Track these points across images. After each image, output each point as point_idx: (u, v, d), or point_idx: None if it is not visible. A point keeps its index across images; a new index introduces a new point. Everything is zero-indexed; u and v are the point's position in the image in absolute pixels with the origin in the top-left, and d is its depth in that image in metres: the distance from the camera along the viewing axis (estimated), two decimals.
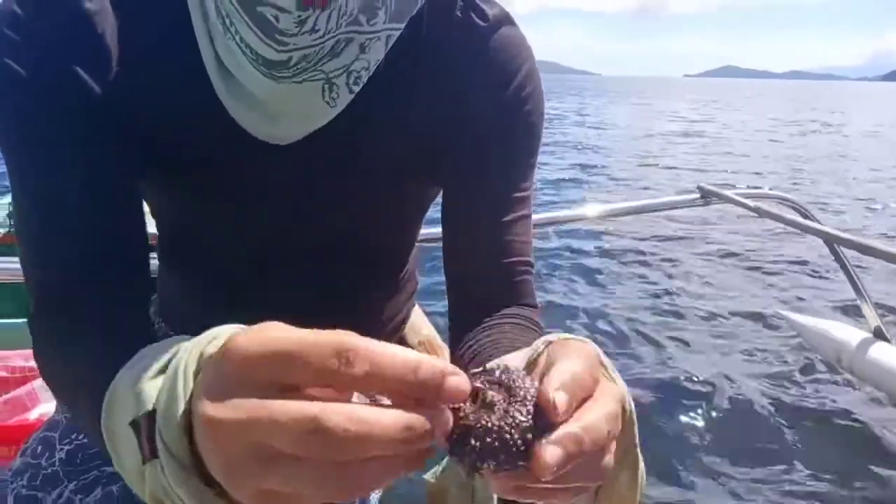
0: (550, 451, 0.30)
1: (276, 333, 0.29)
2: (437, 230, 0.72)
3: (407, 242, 0.81)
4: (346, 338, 0.29)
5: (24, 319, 0.58)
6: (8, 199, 2.93)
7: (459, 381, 0.30)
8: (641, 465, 0.42)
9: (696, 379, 3.03)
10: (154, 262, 0.72)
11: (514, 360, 0.42)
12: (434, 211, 0.75)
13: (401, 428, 0.28)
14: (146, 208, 0.65)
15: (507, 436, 0.30)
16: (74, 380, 0.52)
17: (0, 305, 2.22)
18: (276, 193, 0.65)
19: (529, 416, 0.31)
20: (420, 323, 0.93)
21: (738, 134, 16.99)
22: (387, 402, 0.30)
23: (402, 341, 0.90)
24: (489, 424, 0.30)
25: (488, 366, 0.34)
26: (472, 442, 0.30)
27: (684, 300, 4.24)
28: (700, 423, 2.67)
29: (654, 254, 5.27)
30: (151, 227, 0.66)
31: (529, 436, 0.30)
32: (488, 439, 0.30)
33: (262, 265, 0.72)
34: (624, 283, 4.60)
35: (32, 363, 1.37)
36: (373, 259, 0.76)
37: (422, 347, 0.90)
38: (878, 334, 2.18)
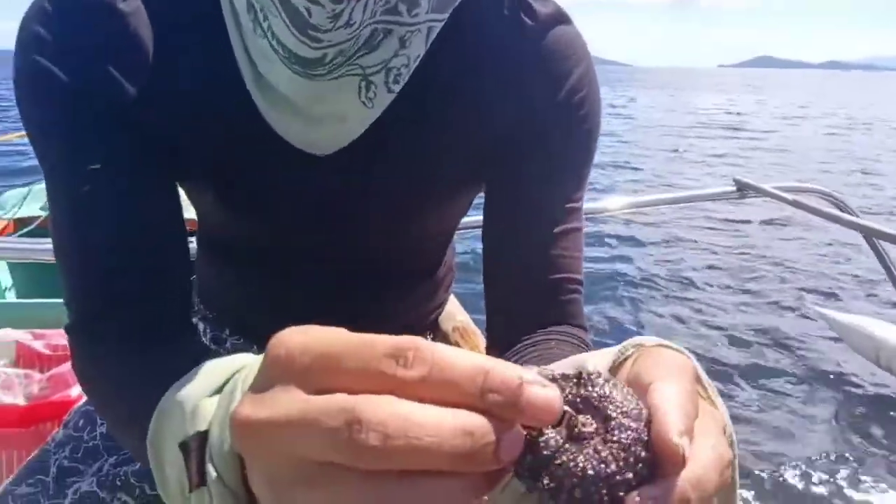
0: None
1: (327, 332, 0.26)
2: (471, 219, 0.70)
3: (446, 241, 0.80)
4: (404, 339, 0.24)
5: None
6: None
7: (546, 395, 0.23)
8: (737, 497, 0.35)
9: (730, 375, 2.98)
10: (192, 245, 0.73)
11: (598, 360, 0.35)
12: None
13: (457, 431, 0.22)
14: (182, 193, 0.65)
15: (593, 488, 0.23)
16: (114, 389, 0.52)
17: (41, 285, 2.30)
18: (310, 201, 0.64)
19: (629, 472, 0.24)
20: (454, 310, 0.92)
21: (781, 127, 16.46)
22: None
23: (437, 329, 0.90)
24: (572, 465, 0.23)
25: (584, 371, 0.26)
26: (545, 481, 0.23)
27: (716, 297, 4.17)
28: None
29: (684, 248, 5.19)
30: (189, 212, 0.67)
31: (622, 493, 0.24)
32: (566, 483, 0.23)
33: (291, 266, 0.71)
34: (653, 278, 4.54)
35: None
36: (411, 261, 0.75)
37: (456, 333, 0.89)
38: None
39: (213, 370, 0.36)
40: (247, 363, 0.35)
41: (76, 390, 1.20)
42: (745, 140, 13.29)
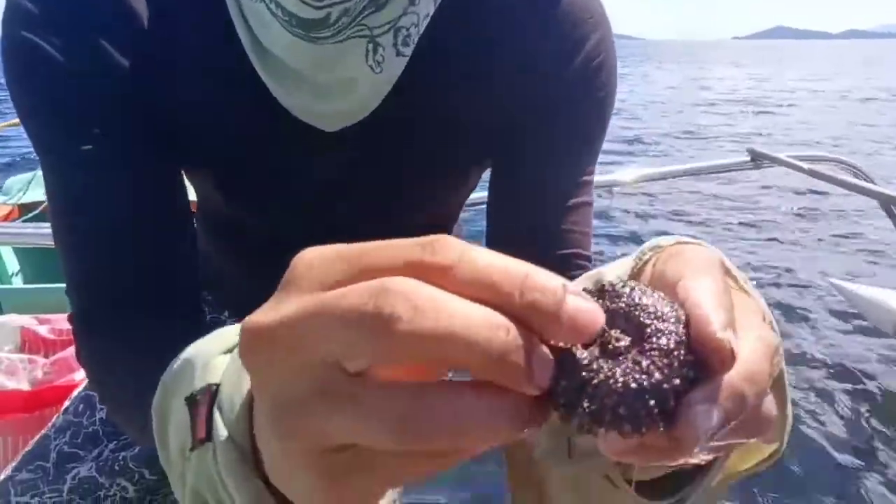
0: (703, 418, 0.21)
1: (351, 244, 0.23)
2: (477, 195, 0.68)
3: (453, 219, 0.78)
4: (429, 236, 0.22)
5: None
6: None
7: (589, 307, 0.20)
8: (789, 391, 0.31)
9: None
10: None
11: (616, 271, 0.33)
12: None
13: (490, 322, 0.19)
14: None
15: (639, 402, 0.21)
16: (116, 378, 0.50)
17: (47, 270, 2.30)
18: (315, 181, 0.61)
19: (675, 378, 0.21)
20: None
21: (805, 101, 15.82)
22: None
23: None
24: (612, 382, 0.21)
25: (606, 284, 0.24)
26: (585, 405, 0.21)
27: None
28: None
29: (699, 220, 5.15)
30: (190, 193, 0.64)
31: (671, 403, 0.21)
32: (608, 402, 0.21)
33: (293, 248, 0.69)
34: None
35: None
36: None
37: None
38: None
39: (224, 333, 0.33)
40: None
41: (79, 374, 1.20)
42: (767, 116, 12.79)
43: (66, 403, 0.80)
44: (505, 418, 0.20)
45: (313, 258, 0.23)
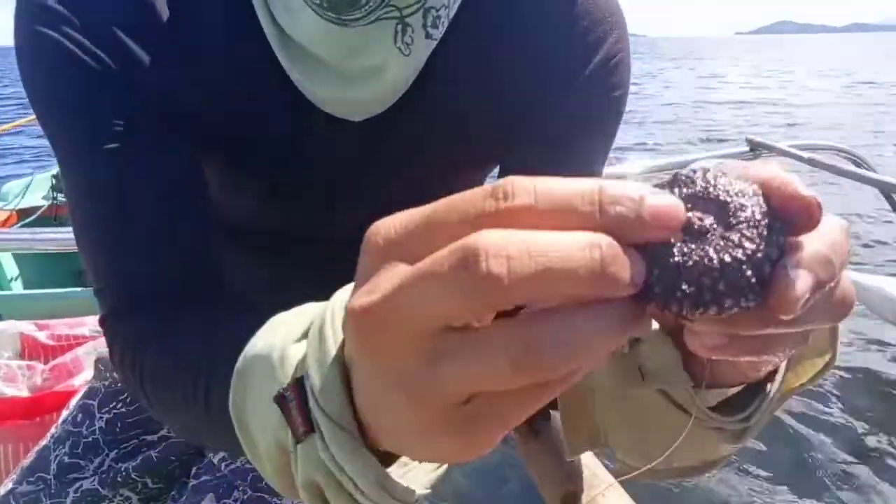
0: (802, 280, 0.21)
1: (420, 208, 0.23)
2: None
3: None
4: (497, 181, 0.22)
5: (70, 289, 0.56)
6: (51, 171, 2.99)
7: (668, 200, 0.21)
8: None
9: None
10: None
11: None
12: None
13: (582, 244, 0.20)
14: None
15: (737, 274, 0.20)
16: (177, 372, 0.48)
17: (47, 275, 2.30)
18: (328, 173, 0.60)
19: (767, 245, 0.21)
20: None
21: (820, 99, 15.14)
22: None
23: None
24: (706, 260, 0.21)
25: (677, 174, 0.24)
26: (683, 288, 0.20)
27: None
28: None
29: None
30: None
31: (767, 268, 0.21)
32: (706, 280, 0.20)
33: (300, 246, 0.68)
34: None
35: (77, 331, 1.40)
36: None
37: None
38: None
39: (286, 321, 0.33)
40: (321, 305, 0.32)
41: (79, 379, 1.20)
42: (783, 115, 12.25)
43: (65, 413, 0.79)
44: (612, 320, 0.20)
45: (389, 229, 0.23)
